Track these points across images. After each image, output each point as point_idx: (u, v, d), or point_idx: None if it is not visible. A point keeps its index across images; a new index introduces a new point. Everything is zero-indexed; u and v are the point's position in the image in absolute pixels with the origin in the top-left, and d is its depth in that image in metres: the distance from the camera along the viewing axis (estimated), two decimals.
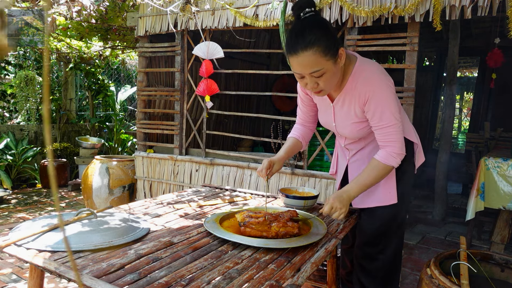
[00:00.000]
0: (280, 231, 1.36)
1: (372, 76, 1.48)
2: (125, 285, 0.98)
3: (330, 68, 1.37)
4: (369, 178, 1.52)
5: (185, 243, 1.31)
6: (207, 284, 1.01)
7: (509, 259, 1.88)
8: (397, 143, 1.50)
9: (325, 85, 1.42)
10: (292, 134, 1.86)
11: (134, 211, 1.68)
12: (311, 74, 1.38)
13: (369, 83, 1.47)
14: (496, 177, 2.78)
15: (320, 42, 1.32)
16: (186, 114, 3.79)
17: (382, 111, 1.47)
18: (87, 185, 4.10)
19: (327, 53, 1.34)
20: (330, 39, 1.35)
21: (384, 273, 1.76)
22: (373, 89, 1.46)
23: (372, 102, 1.47)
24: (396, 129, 1.50)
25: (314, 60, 1.34)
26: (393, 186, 1.67)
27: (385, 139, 1.52)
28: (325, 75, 1.38)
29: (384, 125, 1.49)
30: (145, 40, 3.90)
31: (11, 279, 2.65)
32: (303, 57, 1.34)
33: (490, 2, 2.26)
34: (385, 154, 1.51)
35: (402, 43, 2.69)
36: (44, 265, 1.10)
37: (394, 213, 1.70)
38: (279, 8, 2.97)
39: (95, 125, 6.85)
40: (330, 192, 3.01)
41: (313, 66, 1.35)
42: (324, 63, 1.35)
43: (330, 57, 1.35)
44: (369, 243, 1.74)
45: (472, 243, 3.46)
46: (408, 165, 1.72)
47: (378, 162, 1.52)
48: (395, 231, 1.74)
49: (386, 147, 1.52)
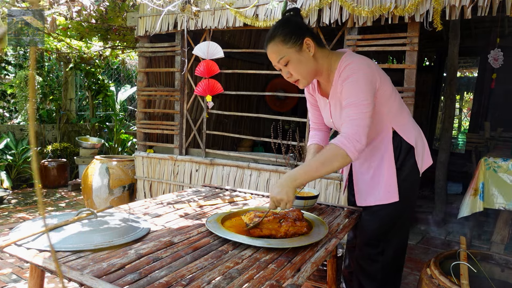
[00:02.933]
0: (289, 230, 1.36)
1: (353, 64, 1.50)
2: (126, 285, 0.98)
3: (293, 55, 1.51)
4: (316, 161, 1.41)
5: (186, 243, 1.31)
6: (208, 284, 1.01)
7: (509, 259, 1.88)
8: (353, 123, 1.41)
9: (295, 73, 1.54)
10: (311, 141, 1.86)
11: (134, 211, 1.68)
12: (279, 62, 1.53)
13: (349, 69, 1.50)
14: (496, 177, 2.78)
15: (280, 32, 1.50)
16: (186, 114, 3.80)
17: (353, 88, 1.45)
18: (87, 185, 4.10)
19: (287, 42, 1.49)
20: (289, 30, 1.50)
21: (384, 275, 1.74)
22: (351, 73, 1.48)
23: (349, 80, 1.47)
24: (358, 110, 1.42)
25: (276, 50, 1.51)
26: (394, 184, 1.66)
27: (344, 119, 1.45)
28: (291, 62, 1.52)
29: (350, 103, 1.44)
30: (145, 40, 3.90)
31: (11, 279, 2.65)
32: (270, 48, 1.53)
33: (490, 2, 2.27)
34: (339, 137, 1.42)
35: (402, 43, 2.69)
36: (44, 265, 1.10)
37: (395, 213, 1.69)
38: (279, 8, 2.97)
39: (95, 125, 6.85)
40: (330, 192, 3.02)
41: (277, 54, 1.52)
42: (286, 50, 1.50)
43: (291, 45, 1.50)
44: (369, 244, 1.74)
45: (472, 243, 3.46)
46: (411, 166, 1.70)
47: (330, 143, 1.42)
48: (396, 233, 1.73)
49: (343, 127, 1.44)
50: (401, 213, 1.71)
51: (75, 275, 1.03)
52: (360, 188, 1.76)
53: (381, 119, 1.62)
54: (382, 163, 1.67)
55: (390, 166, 1.66)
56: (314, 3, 2.83)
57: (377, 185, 1.68)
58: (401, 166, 1.67)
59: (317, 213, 1.80)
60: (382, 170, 1.67)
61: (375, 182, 1.69)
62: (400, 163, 1.67)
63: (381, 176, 1.68)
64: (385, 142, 1.66)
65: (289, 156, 3.25)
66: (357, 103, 1.43)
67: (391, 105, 1.61)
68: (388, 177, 1.66)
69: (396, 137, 1.66)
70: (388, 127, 1.64)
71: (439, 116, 7.21)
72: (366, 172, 1.72)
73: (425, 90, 6.33)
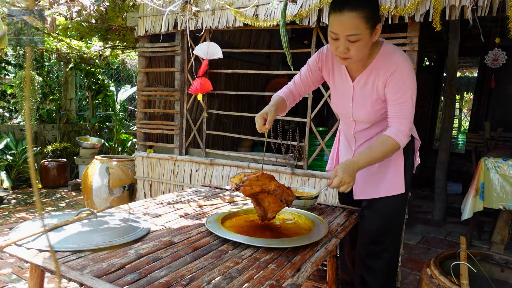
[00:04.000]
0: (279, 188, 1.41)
1: (398, 55, 1.53)
2: (126, 285, 0.98)
3: (365, 37, 1.40)
4: (378, 152, 1.49)
5: (185, 243, 1.31)
6: (207, 283, 1.01)
7: (509, 259, 1.88)
8: (407, 121, 1.51)
9: (355, 53, 1.43)
10: (279, 93, 1.77)
11: (134, 211, 1.68)
12: (348, 36, 1.38)
13: (396, 59, 1.51)
14: (496, 177, 2.79)
15: (366, 8, 1.35)
16: (186, 114, 3.79)
17: (402, 85, 1.50)
18: (87, 185, 4.10)
19: (368, 21, 1.36)
20: (375, 10, 1.40)
21: (388, 271, 1.78)
22: (399, 64, 1.50)
23: (395, 75, 1.50)
24: (409, 107, 1.51)
25: (355, 23, 1.35)
26: (401, 175, 1.69)
27: (397, 115, 1.52)
28: (359, 42, 1.40)
29: (400, 99, 1.51)
30: (145, 40, 3.90)
31: (11, 279, 2.65)
32: (347, 17, 1.35)
33: (490, 2, 2.26)
34: (395, 130, 1.50)
35: (402, 43, 2.69)
36: (44, 265, 1.10)
37: (399, 207, 1.73)
38: (279, 8, 2.97)
39: (95, 125, 6.85)
40: (330, 192, 3.01)
41: (353, 29, 1.36)
42: (363, 29, 1.37)
43: (369, 26, 1.38)
44: (374, 241, 1.76)
45: (472, 243, 3.46)
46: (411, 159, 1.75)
47: (387, 137, 1.49)
48: (398, 227, 1.78)
49: (396, 123, 1.52)
50: (403, 206, 1.75)
51: (75, 275, 1.03)
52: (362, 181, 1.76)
53: None
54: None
55: (399, 157, 1.69)
56: (314, 3, 2.83)
57: (383, 177, 1.70)
58: (406, 158, 1.71)
59: (317, 213, 1.80)
60: (389, 161, 1.69)
61: (381, 173, 1.71)
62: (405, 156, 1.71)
63: (388, 167, 1.70)
64: None
65: (289, 156, 3.25)
66: (410, 101, 1.50)
67: None
68: (396, 167, 1.69)
69: None
70: None
71: (439, 116, 7.21)
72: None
73: (425, 90, 6.33)
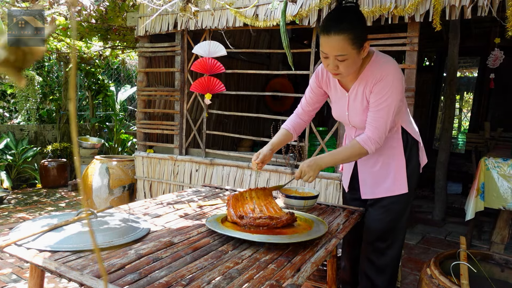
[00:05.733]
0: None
1: (387, 65, 1.59)
2: (126, 285, 0.98)
3: (353, 56, 1.50)
4: (342, 154, 1.63)
5: (185, 243, 1.31)
6: (207, 284, 1.01)
7: (509, 259, 1.89)
8: (378, 129, 1.58)
9: (344, 70, 1.54)
10: (285, 126, 1.91)
11: (134, 211, 1.68)
12: (336, 56, 1.50)
13: (385, 68, 1.57)
14: (496, 177, 2.78)
15: (351, 31, 1.45)
16: (186, 114, 3.80)
17: (384, 94, 1.56)
18: (87, 185, 4.10)
19: (354, 42, 1.47)
20: (361, 31, 1.49)
21: (392, 268, 1.83)
22: (386, 73, 1.56)
23: (380, 84, 1.57)
24: (383, 116, 1.57)
25: (342, 45, 1.47)
26: (403, 175, 1.73)
27: (370, 122, 1.60)
28: (347, 61, 1.51)
29: (377, 107, 1.58)
30: (145, 40, 3.90)
31: (11, 279, 2.65)
32: (334, 40, 1.46)
33: (490, 2, 2.26)
34: (364, 137, 1.59)
35: (402, 43, 2.69)
36: (44, 265, 1.10)
37: (404, 206, 1.77)
38: (279, 8, 2.97)
39: (95, 125, 6.85)
40: (330, 192, 3.02)
41: (340, 50, 1.48)
42: (350, 50, 1.48)
43: (356, 47, 1.48)
44: (380, 238, 1.79)
45: (472, 243, 3.46)
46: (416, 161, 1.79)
47: (356, 142, 1.61)
48: (403, 225, 1.81)
49: (368, 130, 1.60)
50: (408, 206, 1.80)
51: (75, 275, 1.03)
52: (366, 181, 1.81)
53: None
54: (392, 155, 1.74)
55: (400, 158, 1.73)
56: (314, 3, 2.83)
57: (386, 176, 1.74)
58: (409, 159, 1.75)
59: (317, 213, 1.80)
60: (391, 162, 1.74)
61: (384, 173, 1.75)
62: (408, 157, 1.74)
63: (390, 167, 1.74)
64: (395, 136, 1.73)
65: (289, 156, 3.25)
66: (383, 108, 1.56)
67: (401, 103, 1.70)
68: (398, 168, 1.73)
69: (404, 133, 1.75)
70: (397, 122, 1.72)
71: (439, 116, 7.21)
72: (374, 164, 1.77)
73: (425, 90, 6.33)
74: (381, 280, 1.81)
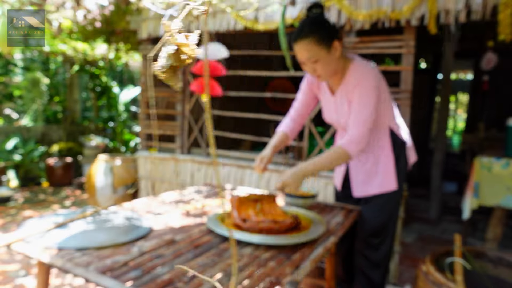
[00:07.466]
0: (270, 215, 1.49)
1: (365, 70, 1.67)
2: (129, 281, 1.01)
3: (323, 56, 1.61)
4: (326, 159, 1.65)
5: (187, 241, 1.33)
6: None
7: (502, 256, 1.93)
8: (358, 132, 1.63)
9: (322, 71, 1.65)
10: (281, 129, 1.97)
11: (137, 210, 1.72)
12: (307, 59, 1.62)
13: (361, 74, 1.66)
14: (489, 175, 2.82)
15: (315, 33, 1.57)
16: (187, 114, 3.85)
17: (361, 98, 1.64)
18: (91, 184, 4.17)
19: (320, 43, 1.58)
20: (326, 33, 1.59)
21: (385, 262, 1.90)
22: (362, 78, 1.65)
23: (358, 88, 1.65)
24: (361, 120, 1.62)
25: (308, 48, 1.59)
26: (392, 173, 1.80)
27: (350, 125, 1.66)
28: (320, 62, 1.62)
29: (355, 110, 1.64)
30: (148, 42, 3.96)
31: (19, 274, 2.72)
32: (301, 45, 1.60)
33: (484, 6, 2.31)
34: (345, 141, 1.64)
35: (398, 46, 2.73)
36: (51, 261, 1.12)
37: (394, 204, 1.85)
38: (278, 11, 3.02)
39: (99, 126, 6.92)
40: (329, 191, 3.07)
41: (308, 52, 1.60)
42: (318, 51, 1.59)
43: (323, 47, 1.59)
44: (374, 234, 1.85)
45: (467, 240, 3.49)
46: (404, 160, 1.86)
47: (339, 146, 1.65)
48: (393, 221, 1.88)
49: (348, 133, 1.65)
50: (397, 201, 1.87)
51: (80, 272, 1.06)
52: (358, 178, 1.87)
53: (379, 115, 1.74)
54: (381, 154, 1.80)
55: (388, 155, 1.80)
56: None
57: (376, 173, 1.81)
58: (398, 158, 1.82)
59: (316, 212, 1.84)
60: (381, 160, 1.81)
61: (374, 170, 1.82)
62: (396, 155, 1.82)
63: (380, 165, 1.81)
64: (383, 135, 1.80)
65: (289, 156, 3.30)
66: (364, 109, 1.62)
67: (387, 105, 1.77)
68: (387, 166, 1.79)
69: (392, 133, 1.82)
70: (384, 122, 1.79)
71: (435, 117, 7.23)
72: (365, 161, 1.84)
73: (422, 92, 6.34)
74: (376, 274, 1.87)
